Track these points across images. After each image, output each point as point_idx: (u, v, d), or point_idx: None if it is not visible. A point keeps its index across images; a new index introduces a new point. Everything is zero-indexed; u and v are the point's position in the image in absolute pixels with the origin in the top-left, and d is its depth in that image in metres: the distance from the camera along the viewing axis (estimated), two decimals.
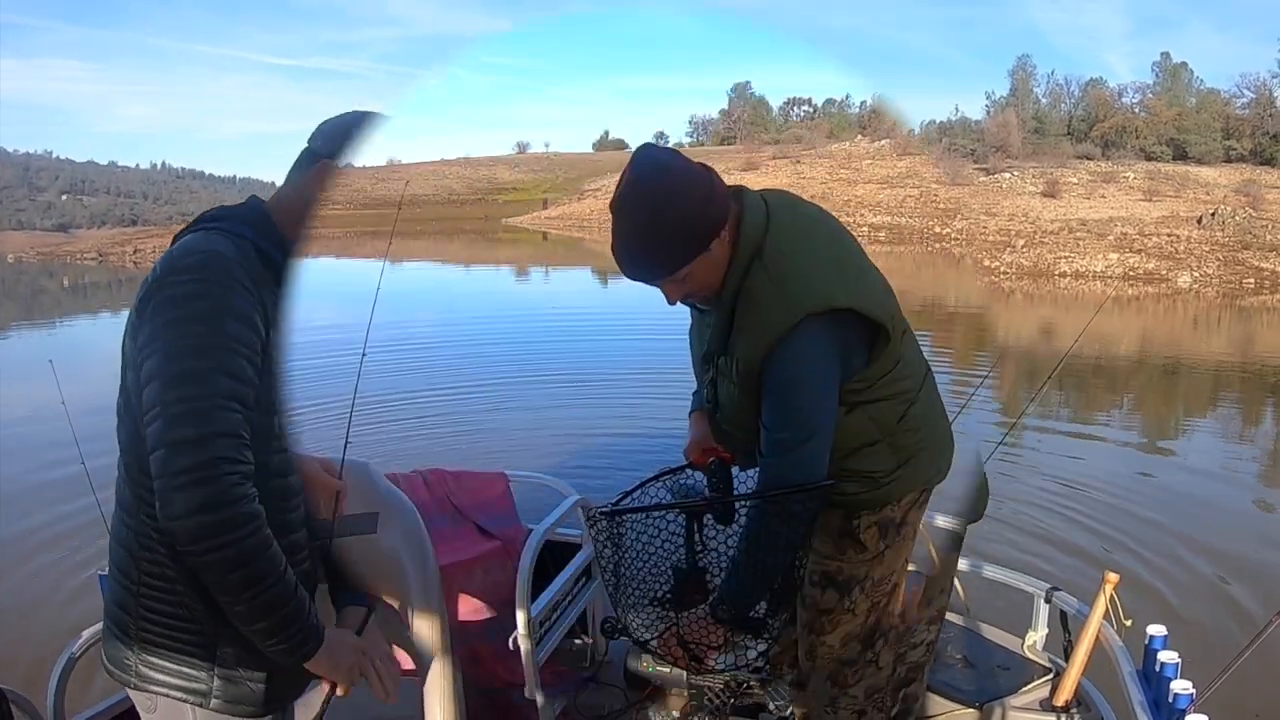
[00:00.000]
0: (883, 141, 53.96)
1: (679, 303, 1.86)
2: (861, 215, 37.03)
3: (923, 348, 2.01)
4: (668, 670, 2.81)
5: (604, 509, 2.02)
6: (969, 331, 14.38)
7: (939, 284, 22.44)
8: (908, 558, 2.07)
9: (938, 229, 36.61)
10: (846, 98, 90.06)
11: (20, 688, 1.61)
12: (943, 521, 2.87)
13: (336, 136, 1.61)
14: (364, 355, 2.27)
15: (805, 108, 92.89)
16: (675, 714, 2.84)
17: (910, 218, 37.83)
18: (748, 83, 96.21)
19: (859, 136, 61.55)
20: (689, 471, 2.29)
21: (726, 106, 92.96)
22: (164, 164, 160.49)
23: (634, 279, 1.77)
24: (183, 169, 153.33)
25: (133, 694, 1.55)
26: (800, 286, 1.71)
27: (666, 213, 1.67)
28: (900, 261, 27.92)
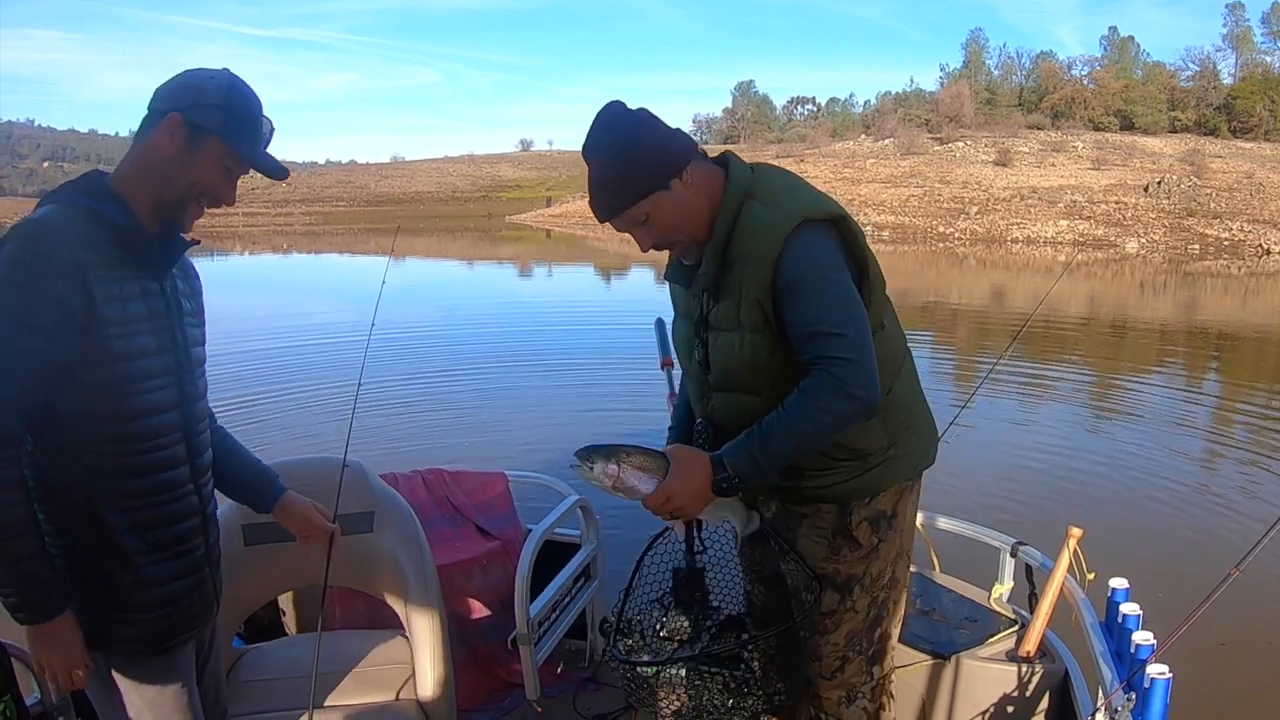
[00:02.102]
0: (886, 141, 53.99)
1: (653, 249, 1.81)
2: (865, 214, 36.93)
3: (927, 343, 2.00)
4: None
5: (624, 657, 1.90)
6: (972, 329, 14.48)
7: (942, 282, 22.67)
8: (902, 552, 2.03)
9: (942, 228, 36.86)
10: (850, 96, 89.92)
11: (21, 641, 1.56)
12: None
13: (182, 91, 1.55)
14: (363, 370, 2.32)
15: (809, 106, 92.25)
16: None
17: (914, 217, 37.90)
18: (751, 81, 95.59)
19: (862, 135, 61.39)
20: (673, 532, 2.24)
21: (730, 105, 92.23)
22: None
23: (602, 218, 1.77)
24: None
25: None
26: (794, 200, 1.75)
27: (625, 145, 1.71)
28: (904, 261, 27.92)
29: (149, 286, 1.57)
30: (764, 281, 1.70)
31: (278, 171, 1.65)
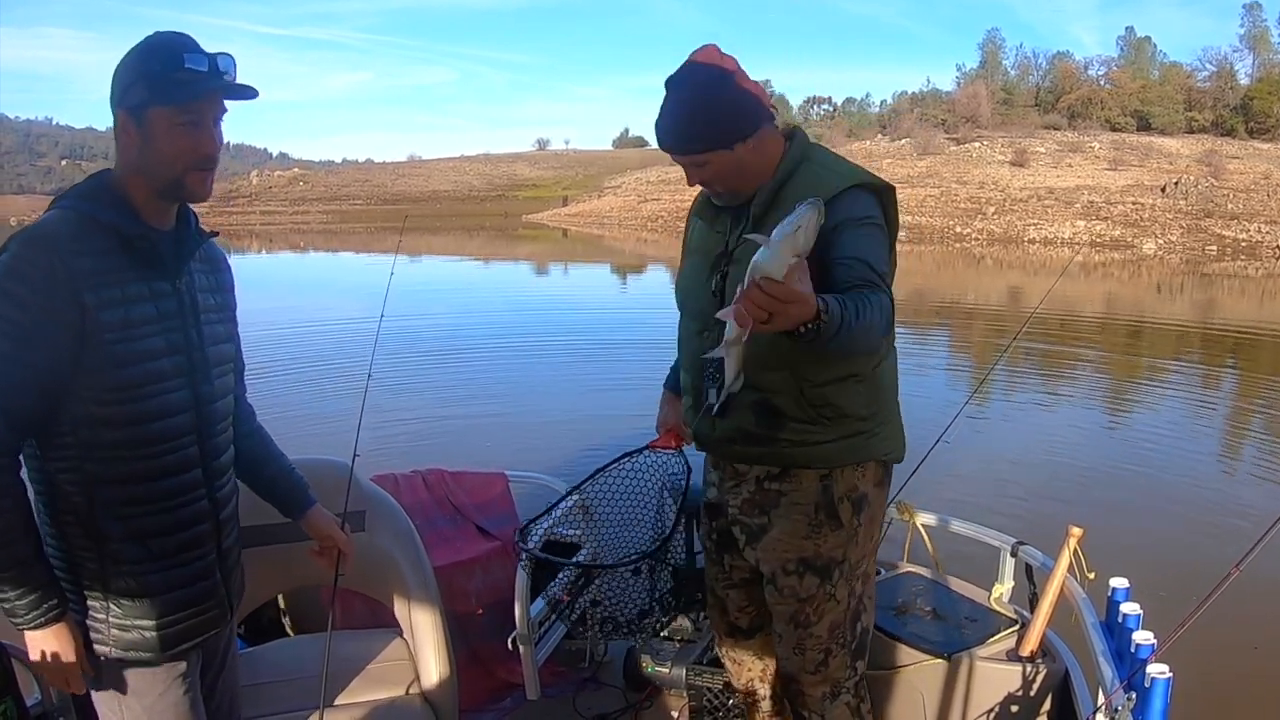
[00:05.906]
0: (902, 141, 53.88)
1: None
2: None
3: (939, 342, 2.03)
4: (667, 670, 2.82)
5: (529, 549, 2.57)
6: (986, 328, 14.38)
7: (958, 282, 22.57)
8: (875, 545, 2.06)
9: (958, 229, 36.66)
10: (866, 96, 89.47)
11: (21, 643, 1.57)
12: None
13: (113, 88, 1.55)
14: (370, 368, 2.43)
15: (825, 106, 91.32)
16: (674, 714, 2.84)
17: (931, 217, 37.67)
18: (767, 81, 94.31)
19: (879, 135, 61.18)
20: (647, 454, 2.45)
21: None
22: None
23: (671, 148, 1.85)
24: None
25: None
26: (852, 168, 1.90)
27: (708, 96, 1.78)
28: (920, 261, 27.74)
29: (159, 287, 1.54)
30: None
31: (240, 91, 1.55)
